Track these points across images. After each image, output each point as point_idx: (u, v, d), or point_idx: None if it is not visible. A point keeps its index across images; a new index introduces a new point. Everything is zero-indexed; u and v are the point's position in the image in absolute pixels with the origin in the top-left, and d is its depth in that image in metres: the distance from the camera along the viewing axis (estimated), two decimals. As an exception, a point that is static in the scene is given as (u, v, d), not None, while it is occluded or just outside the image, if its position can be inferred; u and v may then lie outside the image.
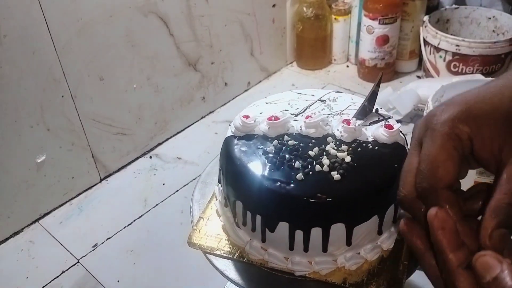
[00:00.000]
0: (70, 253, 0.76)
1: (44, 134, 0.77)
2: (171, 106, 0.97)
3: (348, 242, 0.45)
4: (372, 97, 0.52)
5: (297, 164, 0.46)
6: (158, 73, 0.92)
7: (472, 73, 0.99)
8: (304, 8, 1.14)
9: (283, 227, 0.45)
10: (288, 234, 0.45)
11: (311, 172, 0.45)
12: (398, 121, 1.00)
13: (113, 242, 0.77)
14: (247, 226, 0.48)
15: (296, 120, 0.51)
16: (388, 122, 0.50)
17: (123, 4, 0.80)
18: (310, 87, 0.79)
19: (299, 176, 0.44)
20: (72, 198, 0.86)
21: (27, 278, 0.72)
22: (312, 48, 1.19)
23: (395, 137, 0.48)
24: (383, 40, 1.07)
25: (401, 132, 0.50)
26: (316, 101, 0.55)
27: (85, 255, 0.75)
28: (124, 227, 0.80)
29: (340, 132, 0.49)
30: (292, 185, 0.44)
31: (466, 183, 0.79)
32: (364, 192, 0.44)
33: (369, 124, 0.51)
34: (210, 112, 1.08)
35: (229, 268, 0.50)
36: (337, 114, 0.53)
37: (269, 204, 0.45)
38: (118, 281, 0.70)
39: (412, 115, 0.98)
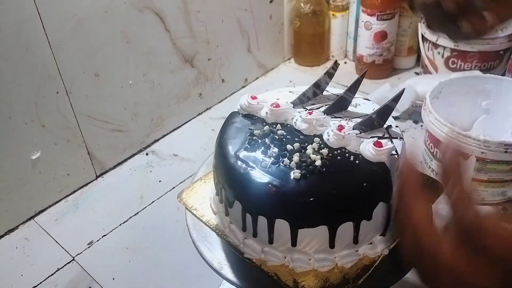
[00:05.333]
0: (65, 250, 0.75)
1: (39, 131, 0.76)
2: (167, 103, 0.97)
3: (293, 243, 0.45)
4: (383, 111, 0.49)
5: (270, 152, 0.46)
6: (154, 69, 0.91)
7: (470, 69, 0.99)
8: (302, 4, 1.13)
9: (237, 204, 0.47)
10: (241, 213, 0.47)
11: (277, 164, 0.45)
12: (395, 118, 0.99)
13: (109, 240, 0.77)
14: (217, 192, 0.52)
15: (300, 113, 0.51)
16: (381, 140, 0.47)
17: (118, -1, 0.80)
18: (308, 83, 0.77)
19: (265, 163, 0.45)
20: (68, 195, 0.85)
21: (21, 275, 0.72)
22: (310, 45, 1.18)
23: (381, 157, 0.45)
24: (381, 36, 1.06)
25: (395, 154, 0.46)
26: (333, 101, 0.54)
27: (81, 253, 0.75)
28: (120, 224, 0.79)
29: (329, 135, 0.48)
30: (253, 169, 0.45)
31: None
32: (313, 198, 0.43)
33: (370, 138, 0.48)
34: (207, 109, 1.07)
35: (224, 266, 0.50)
36: (347, 119, 0.51)
37: (227, 179, 0.48)
38: (113, 278, 0.70)
39: (410, 111, 0.98)
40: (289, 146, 0.47)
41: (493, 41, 0.94)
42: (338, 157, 0.46)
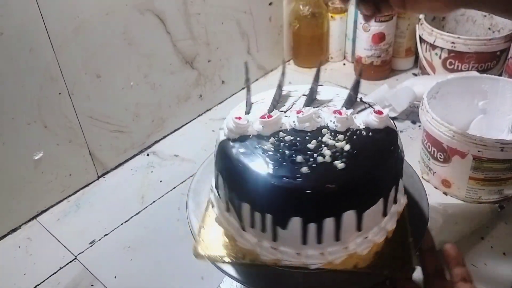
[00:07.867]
0: (68, 249, 0.76)
1: (42, 131, 0.77)
2: (168, 104, 0.98)
3: (359, 228, 0.46)
4: (355, 87, 0.55)
5: (299, 158, 0.46)
6: (155, 71, 0.92)
7: (467, 70, 0.99)
8: (301, 6, 1.14)
9: (295, 223, 0.45)
10: (300, 229, 0.45)
11: (314, 165, 0.45)
12: (393, 118, 1.01)
13: (111, 239, 0.78)
14: (255, 228, 0.47)
15: (286, 116, 0.52)
16: (376, 108, 0.53)
17: (119, 2, 0.81)
18: (307, 84, 0.79)
19: (304, 169, 0.45)
20: (70, 195, 0.86)
21: (24, 274, 0.72)
22: (309, 46, 1.19)
23: (385, 122, 0.50)
24: (379, 37, 1.07)
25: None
26: (301, 96, 0.56)
27: (83, 252, 0.75)
28: (122, 224, 0.80)
29: (334, 122, 0.50)
30: (299, 179, 0.44)
31: (461, 179, 0.79)
32: (369, 177, 0.46)
33: (358, 113, 0.53)
34: (207, 110, 1.08)
35: (225, 263, 0.51)
36: (324, 106, 0.54)
37: (279, 201, 0.45)
38: (115, 277, 0.71)
39: (408, 112, 0.99)
40: (309, 146, 0.47)
41: (490, 42, 0.95)
42: (354, 137, 0.49)
